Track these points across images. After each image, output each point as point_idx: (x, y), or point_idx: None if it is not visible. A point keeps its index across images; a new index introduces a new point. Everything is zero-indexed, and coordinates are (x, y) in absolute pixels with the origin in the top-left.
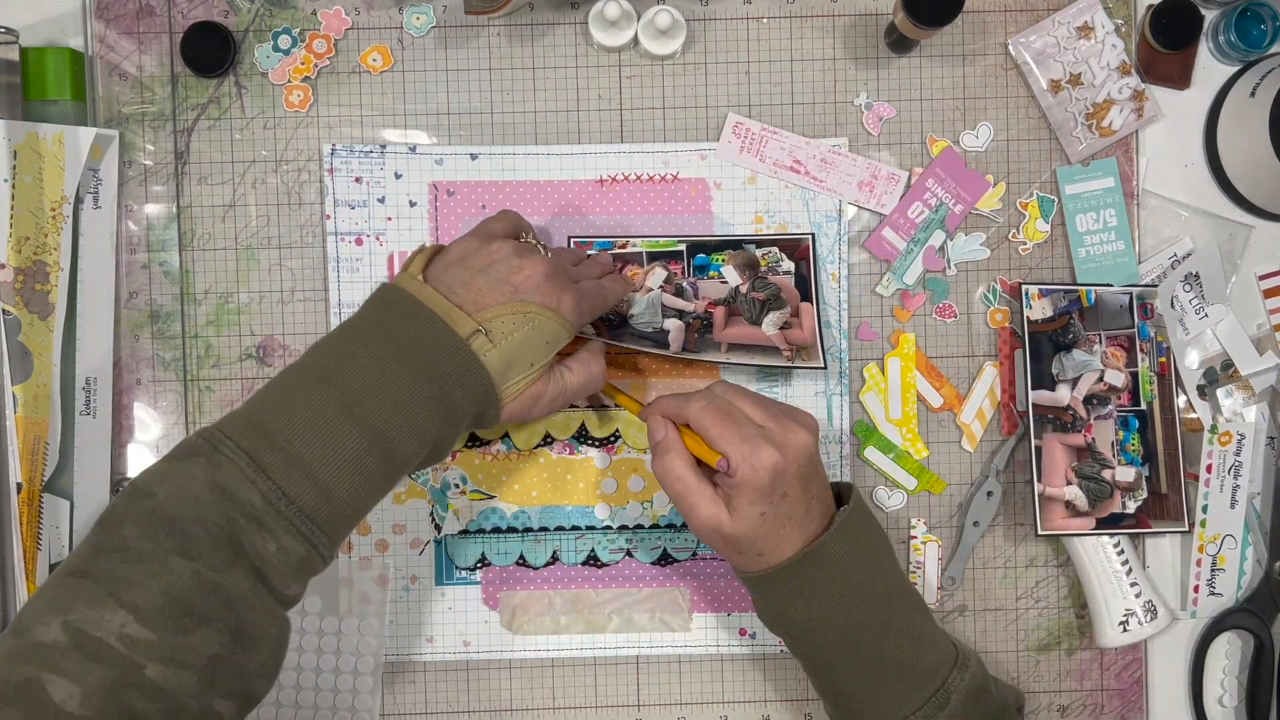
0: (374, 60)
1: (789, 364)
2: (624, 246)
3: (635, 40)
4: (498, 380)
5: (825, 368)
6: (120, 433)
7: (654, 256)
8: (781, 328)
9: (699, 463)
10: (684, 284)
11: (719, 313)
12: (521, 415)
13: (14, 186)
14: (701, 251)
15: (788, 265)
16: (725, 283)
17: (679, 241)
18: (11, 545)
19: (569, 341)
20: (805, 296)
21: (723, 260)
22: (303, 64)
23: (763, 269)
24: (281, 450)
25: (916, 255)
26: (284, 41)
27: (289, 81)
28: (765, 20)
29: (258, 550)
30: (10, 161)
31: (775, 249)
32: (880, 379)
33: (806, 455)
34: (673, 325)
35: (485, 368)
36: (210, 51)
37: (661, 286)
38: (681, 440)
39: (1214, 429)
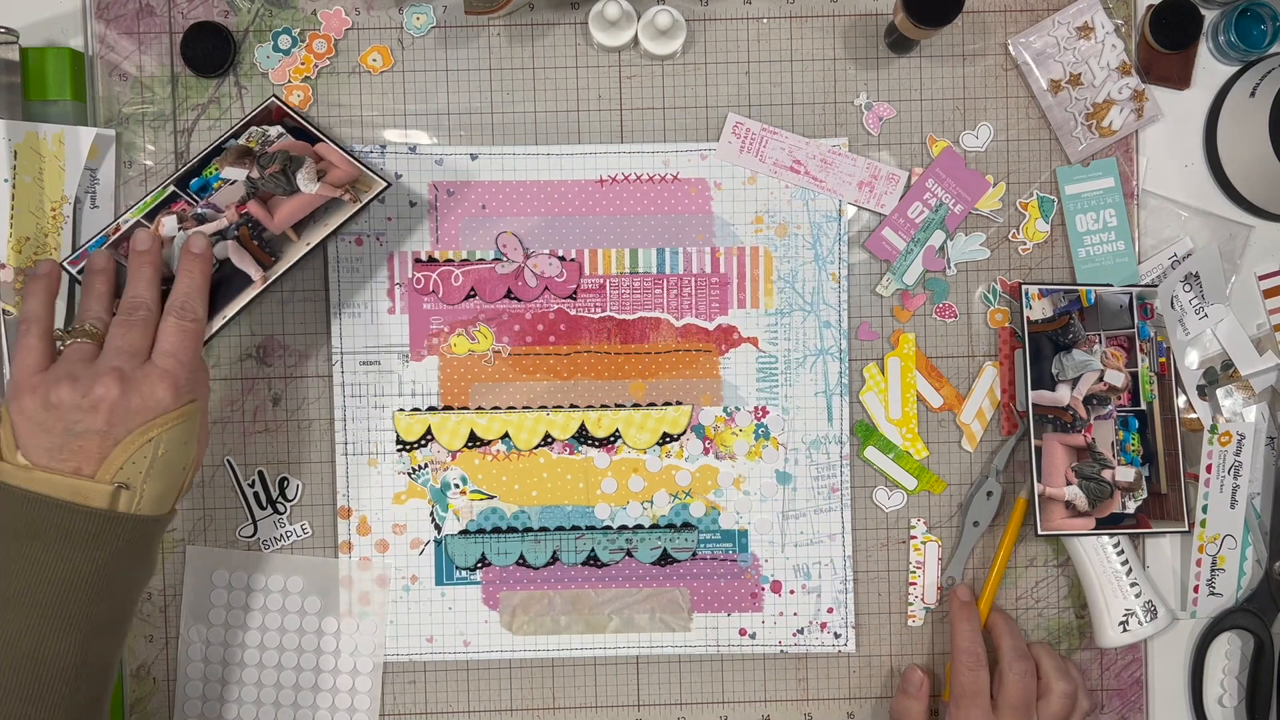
0: (374, 60)
1: (358, 204)
2: (115, 230)
3: (635, 40)
4: (161, 510)
5: (391, 185)
6: None
7: (152, 215)
8: (319, 178)
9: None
10: (200, 210)
11: (255, 208)
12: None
13: (14, 186)
14: (193, 176)
15: (275, 130)
16: (235, 183)
17: (161, 189)
18: None
19: (196, 400)
20: (314, 141)
21: (215, 170)
22: (303, 64)
23: (256, 149)
24: None
25: (916, 255)
26: (284, 41)
27: (289, 81)
28: (765, 20)
29: None
30: (10, 161)
31: (255, 127)
32: (880, 379)
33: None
34: (230, 249)
35: (138, 518)
36: (210, 51)
37: (182, 227)
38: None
39: (1214, 429)
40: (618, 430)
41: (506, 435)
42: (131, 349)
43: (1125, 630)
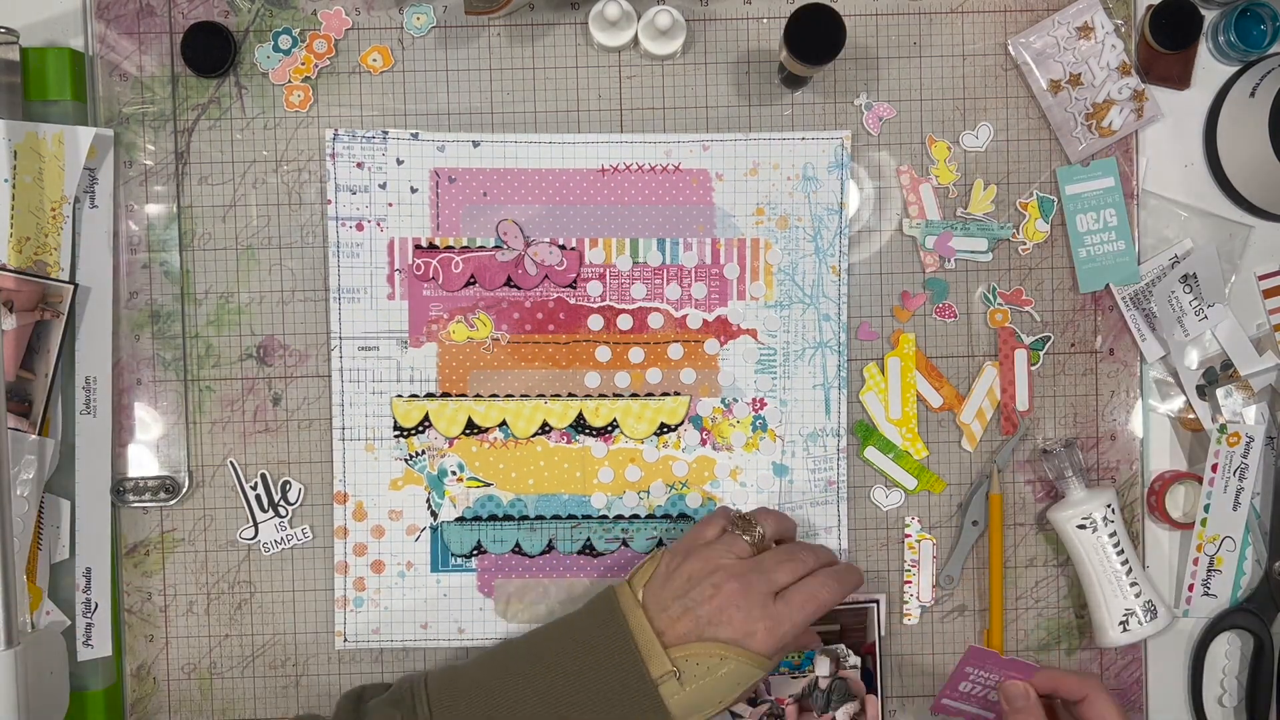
0: (374, 60)
1: (62, 316)
2: None
3: (635, 40)
4: (680, 716)
5: (76, 284)
6: (120, 433)
7: None
8: (11, 310)
9: None
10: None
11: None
12: None
13: (14, 187)
14: None
15: (854, 660)
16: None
17: None
18: (11, 545)
19: (763, 675)
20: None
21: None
22: (303, 64)
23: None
24: None
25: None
26: (284, 42)
27: (289, 82)
28: (765, 20)
29: None
30: (10, 161)
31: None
32: (880, 379)
33: None
34: None
35: (669, 711)
36: (210, 51)
37: None
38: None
39: (1222, 429)
40: (615, 420)
41: (504, 423)
42: (771, 580)
43: (1125, 630)
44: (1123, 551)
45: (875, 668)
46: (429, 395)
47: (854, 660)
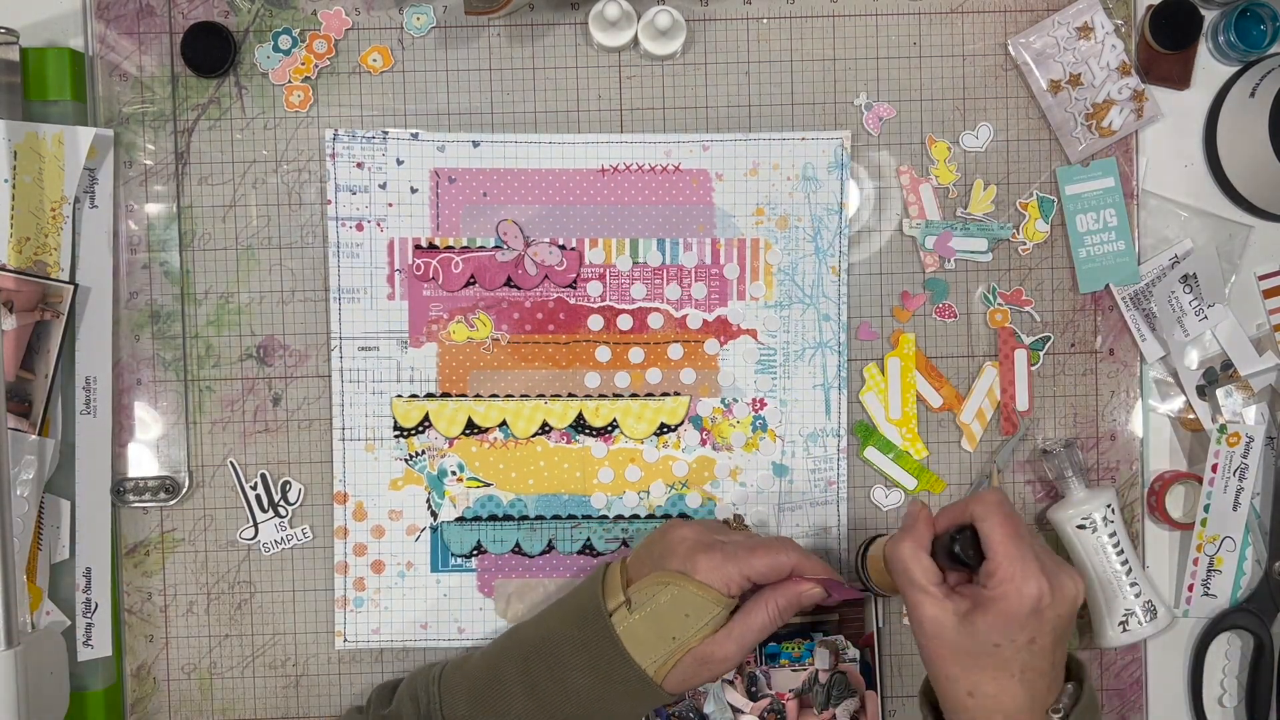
0: (374, 60)
1: (62, 317)
2: None
3: (635, 40)
4: (634, 648)
5: (76, 284)
6: (120, 433)
7: None
8: (10, 310)
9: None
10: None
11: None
12: (694, 679)
13: (14, 187)
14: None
15: (853, 653)
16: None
17: None
18: (11, 545)
19: (718, 612)
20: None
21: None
22: (303, 64)
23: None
24: None
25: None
26: (284, 42)
27: (289, 82)
28: (765, 20)
29: None
30: (10, 162)
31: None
32: (880, 379)
33: (1071, 610)
34: None
35: (618, 638)
36: (210, 51)
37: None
38: (928, 529)
39: (1222, 429)
40: (615, 420)
41: (504, 423)
42: (720, 535)
43: (1125, 630)
44: (1122, 552)
45: (874, 660)
46: (429, 395)
47: (853, 653)
